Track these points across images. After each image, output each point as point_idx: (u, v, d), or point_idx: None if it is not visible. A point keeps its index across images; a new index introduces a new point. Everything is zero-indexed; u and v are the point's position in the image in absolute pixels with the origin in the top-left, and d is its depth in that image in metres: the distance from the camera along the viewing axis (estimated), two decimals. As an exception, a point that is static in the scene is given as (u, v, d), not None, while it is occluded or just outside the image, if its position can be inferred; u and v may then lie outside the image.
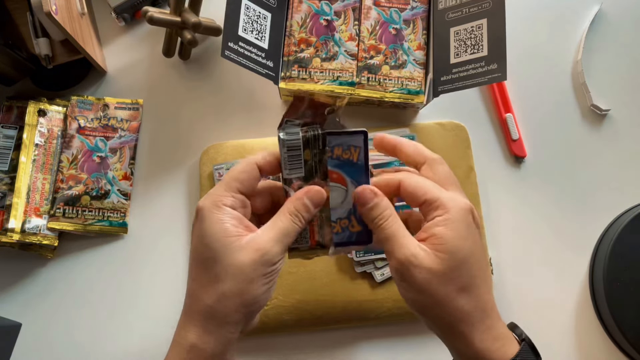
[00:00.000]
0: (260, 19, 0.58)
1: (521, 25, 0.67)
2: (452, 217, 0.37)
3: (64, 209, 0.60)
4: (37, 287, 0.62)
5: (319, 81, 0.60)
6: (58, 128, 0.62)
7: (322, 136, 0.38)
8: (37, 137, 0.61)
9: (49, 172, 0.61)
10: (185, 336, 0.37)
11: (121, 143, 0.64)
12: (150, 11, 0.59)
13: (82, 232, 0.61)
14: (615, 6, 0.67)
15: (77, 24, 0.59)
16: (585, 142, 0.65)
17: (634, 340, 0.56)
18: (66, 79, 0.65)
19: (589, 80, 0.65)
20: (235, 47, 0.55)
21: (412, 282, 0.37)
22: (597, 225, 0.62)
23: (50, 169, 0.61)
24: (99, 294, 0.61)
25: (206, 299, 0.37)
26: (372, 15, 0.61)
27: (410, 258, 0.36)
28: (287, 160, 0.38)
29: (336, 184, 0.39)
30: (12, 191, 0.59)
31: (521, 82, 0.66)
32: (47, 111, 0.62)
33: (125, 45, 0.67)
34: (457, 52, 0.56)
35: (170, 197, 0.64)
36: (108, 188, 0.62)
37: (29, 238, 0.58)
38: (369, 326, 0.60)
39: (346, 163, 0.39)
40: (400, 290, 0.39)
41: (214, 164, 0.61)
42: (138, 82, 0.66)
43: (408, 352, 0.60)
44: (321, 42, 0.61)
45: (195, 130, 0.65)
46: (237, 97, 0.66)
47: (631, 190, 0.63)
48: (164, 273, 0.62)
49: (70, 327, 0.61)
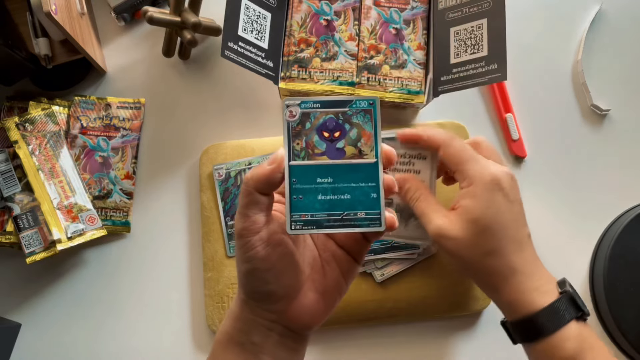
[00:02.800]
0: (260, 19, 0.58)
1: (521, 25, 0.67)
2: (476, 189, 0.42)
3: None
4: (37, 287, 0.62)
5: (318, 81, 0.60)
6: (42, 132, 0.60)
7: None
8: (29, 148, 0.60)
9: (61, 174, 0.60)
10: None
11: (123, 142, 0.64)
12: (150, 11, 0.59)
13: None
14: (615, 6, 0.67)
15: (77, 24, 0.59)
16: (585, 142, 0.65)
17: (634, 340, 0.56)
18: (66, 79, 0.65)
19: (589, 80, 0.65)
20: (235, 47, 0.55)
21: (444, 250, 0.43)
22: (597, 225, 0.62)
23: (59, 170, 0.60)
24: (100, 293, 0.61)
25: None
26: (372, 15, 0.61)
27: (438, 230, 0.43)
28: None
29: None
30: (39, 206, 0.58)
31: (521, 82, 0.66)
32: (26, 120, 0.60)
33: (125, 45, 0.67)
34: (457, 52, 0.56)
35: (171, 196, 0.64)
36: (110, 187, 0.62)
37: (76, 241, 0.58)
38: (369, 326, 0.60)
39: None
40: (445, 256, 0.45)
41: (214, 164, 0.61)
42: (138, 82, 0.66)
43: (408, 352, 0.60)
44: (321, 42, 0.61)
45: (195, 130, 0.65)
46: (237, 97, 0.66)
47: (631, 190, 0.63)
48: (167, 272, 0.62)
49: (70, 327, 0.61)
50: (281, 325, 0.36)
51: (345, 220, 0.33)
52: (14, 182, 0.59)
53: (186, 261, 0.62)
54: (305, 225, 0.33)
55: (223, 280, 0.59)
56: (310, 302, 0.36)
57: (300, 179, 0.34)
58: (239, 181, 0.61)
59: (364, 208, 0.33)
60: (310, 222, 0.33)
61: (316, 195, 0.33)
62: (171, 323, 0.61)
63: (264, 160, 0.60)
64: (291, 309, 0.36)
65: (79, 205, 0.59)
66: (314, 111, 0.34)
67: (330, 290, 0.37)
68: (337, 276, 0.37)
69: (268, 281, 0.35)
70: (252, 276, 0.35)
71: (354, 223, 0.33)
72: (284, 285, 0.35)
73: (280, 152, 0.34)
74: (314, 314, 0.36)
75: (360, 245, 0.37)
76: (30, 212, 0.58)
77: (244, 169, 0.61)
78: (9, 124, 0.60)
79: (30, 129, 0.60)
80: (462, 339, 0.60)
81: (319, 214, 0.33)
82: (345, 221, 0.33)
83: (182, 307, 0.61)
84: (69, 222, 0.58)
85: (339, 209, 0.33)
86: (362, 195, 0.33)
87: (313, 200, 0.33)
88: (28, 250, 0.57)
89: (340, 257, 0.37)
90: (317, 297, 0.36)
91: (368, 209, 0.33)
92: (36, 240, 0.58)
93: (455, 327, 0.61)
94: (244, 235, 0.34)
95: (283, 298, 0.35)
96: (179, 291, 0.62)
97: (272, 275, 0.35)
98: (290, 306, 0.36)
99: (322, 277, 0.37)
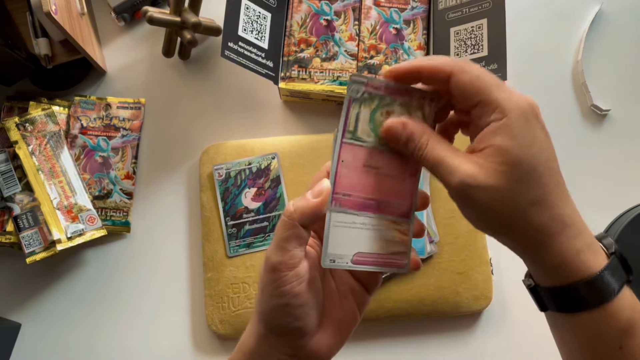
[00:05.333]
0: (260, 19, 0.58)
1: (521, 25, 0.67)
2: (512, 121, 0.31)
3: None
4: (37, 287, 0.62)
5: (319, 81, 0.60)
6: (42, 132, 0.60)
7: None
8: (29, 148, 0.60)
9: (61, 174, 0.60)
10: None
11: (123, 142, 0.64)
12: (150, 11, 0.59)
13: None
14: (615, 6, 0.67)
15: (77, 24, 0.59)
16: (585, 142, 0.65)
17: (634, 340, 0.56)
18: (66, 79, 0.65)
19: (589, 80, 0.65)
20: (235, 47, 0.55)
21: (475, 205, 0.32)
22: (597, 225, 0.62)
23: (59, 170, 0.60)
24: (100, 293, 0.61)
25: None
26: (372, 15, 0.61)
27: (467, 180, 0.32)
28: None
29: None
30: (39, 206, 0.58)
31: (521, 82, 0.66)
32: (26, 120, 0.60)
33: (125, 45, 0.67)
34: (457, 52, 0.56)
35: (171, 196, 0.64)
36: (110, 187, 0.62)
37: (75, 241, 0.58)
38: (369, 326, 0.60)
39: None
40: (465, 215, 0.34)
41: (214, 164, 0.61)
42: (138, 82, 0.66)
43: (408, 352, 0.60)
44: (321, 42, 0.61)
45: (195, 130, 0.65)
46: (236, 97, 0.66)
47: (631, 190, 0.63)
48: (167, 272, 0.62)
49: (70, 327, 0.61)
50: (298, 359, 0.36)
51: None
52: (14, 182, 0.59)
53: (186, 261, 0.62)
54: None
55: (223, 280, 0.59)
56: (328, 335, 0.36)
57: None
58: (239, 181, 0.61)
59: None
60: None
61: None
62: (171, 323, 0.61)
63: (263, 160, 0.60)
64: (311, 344, 0.35)
65: (79, 206, 0.59)
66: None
67: (346, 323, 0.37)
68: (353, 308, 0.37)
69: (298, 317, 0.34)
70: (281, 312, 0.34)
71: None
72: (311, 321, 0.35)
73: (326, 184, 0.33)
74: (331, 347, 0.36)
75: (376, 278, 0.37)
76: (30, 212, 0.58)
77: (244, 169, 0.61)
78: (9, 124, 0.60)
79: (30, 129, 0.60)
80: (462, 339, 0.60)
81: None
82: None
83: (182, 307, 0.61)
84: (69, 222, 0.58)
85: None
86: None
87: None
88: (28, 250, 0.57)
89: (356, 290, 0.37)
90: (334, 330, 0.36)
91: None
92: (36, 240, 0.58)
93: (455, 327, 0.60)
94: (280, 269, 0.33)
95: (307, 334, 0.35)
96: (179, 291, 0.61)
97: (302, 311, 0.34)
98: (311, 341, 0.35)
99: (339, 309, 0.37)
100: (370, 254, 0.34)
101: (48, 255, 0.57)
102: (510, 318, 0.61)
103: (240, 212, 0.60)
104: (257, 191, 0.60)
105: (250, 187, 0.60)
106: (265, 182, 0.61)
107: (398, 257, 0.35)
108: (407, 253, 0.35)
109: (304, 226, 0.33)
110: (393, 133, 0.34)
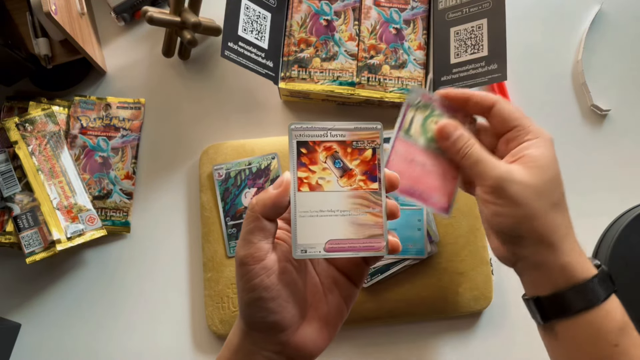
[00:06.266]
0: (260, 19, 0.58)
1: (521, 25, 0.67)
2: (543, 142, 0.40)
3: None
4: (37, 287, 0.62)
5: (318, 81, 0.60)
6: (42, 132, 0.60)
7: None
8: (29, 148, 0.60)
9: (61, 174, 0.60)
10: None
11: (123, 142, 0.64)
12: (150, 11, 0.59)
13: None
14: (615, 6, 0.67)
15: (77, 24, 0.59)
16: (585, 142, 0.65)
17: (634, 340, 0.56)
18: (66, 79, 0.65)
19: (589, 80, 0.65)
20: (235, 47, 0.55)
21: (509, 196, 0.38)
22: (598, 225, 0.62)
23: (59, 171, 0.60)
24: (100, 293, 0.61)
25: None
26: (372, 15, 0.61)
27: (505, 174, 0.39)
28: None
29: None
30: (38, 206, 0.58)
31: (521, 82, 0.66)
32: (26, 120, 0.60)
33: (125, 45, 0.67)
34: (457, 52, 0.56)
35: (171, 196, 0.64)
36: (110, 188, 0.62)
37: (75, 241, 0.58)
38: (369, 327, 0.60)
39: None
40: (493, 209, 0.40)
41: (214, 164, 0.61)
42: (138, 82, 0.66)
43: (408, 353, 0.60)
44: (321, 42, 0.61)
45: (195, 130, 0.65)
46: (236, 97, 0.66)
47: (631, 190, 0.63)
48: (167, 272, 0.62)
49: (70, 327, 0.61)
50: (285, 357, 0.35)
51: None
52: (14, 182, 0.59)
53: (186, 261, 0.62)
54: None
55: (223, 280, 0.59)
56: (313, 330, 0.36)
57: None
58: (239, 181, 0.61)
59: None
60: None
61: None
62: (171, 323, 0.61)
63: (263, 160, 0.60)
64: (295, 339, 0.35)
65: (78, 206, 0.59)
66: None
67: (332, 317, 0.36)
68: (338, 302, 0.37)
69: (272, 311, 0.34)
70: (255, 306, 0.34)
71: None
72: (289, 315, 0.34)
73: (287, 175, 0.33)
74: (317, 342, 0.36)
75: (361, 269, 0.37)
76: (30, 212, 0.58)
77: (244, 169, 0.61)
78: (9, 124, 0.60)
79: (30, 129, 0.60)
80: (462, 339, 0.60)
81: None
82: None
83: (182, 307, 0.61)
84: (69, 223, 0.58)
85: None
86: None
87: None
88: (28, 250, 0.57)
89: (341, 283, 0.37)
90: (320, 324, 0.36)
91: None
92: (36, 241, 0.58)
93: (455, 327, 0.60)
94: (247, 262, 0.33)
95: (287, 328, 0.34)
96: (178, 291, 0.61)
97: (277, 304, 0.34)
98: (294, 336, 0.35)
99: (324, 304, 0.36)
100: (344, 240, 0.34)
101: (48, 256, 0.57)
102: (510, 318, 0.61)
103: (240, 212, 0.60)
104: (257, 191, 0.60)
105: (250, 187, 0.60)
106: (265, 182, 0.61)
107: (374, 240, 0.34)
108: (382, 235, 0.34)
109: (267, 218, 0.33)
110: (447, 131, 0.41)
